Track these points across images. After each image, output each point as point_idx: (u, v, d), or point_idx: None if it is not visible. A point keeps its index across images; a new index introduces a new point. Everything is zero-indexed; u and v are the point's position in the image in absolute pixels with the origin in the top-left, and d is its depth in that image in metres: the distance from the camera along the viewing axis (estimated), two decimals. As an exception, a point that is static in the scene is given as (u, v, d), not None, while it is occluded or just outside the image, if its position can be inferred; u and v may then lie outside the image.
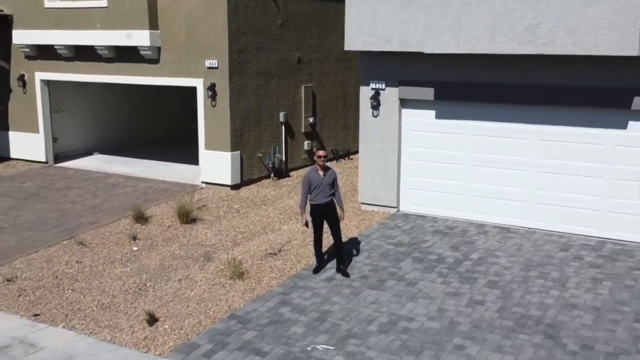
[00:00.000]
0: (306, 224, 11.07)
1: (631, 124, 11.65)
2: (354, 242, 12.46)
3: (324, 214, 10.79)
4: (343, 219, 11.14)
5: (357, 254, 11.90)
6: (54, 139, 19.02)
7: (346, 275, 10.85)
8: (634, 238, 11.89)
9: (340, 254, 11.07)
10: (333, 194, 10.81)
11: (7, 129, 19.32)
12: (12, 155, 19.39)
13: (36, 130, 18.75)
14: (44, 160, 18.84)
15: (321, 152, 10.78)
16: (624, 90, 11.41)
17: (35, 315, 9.99)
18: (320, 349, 8.67)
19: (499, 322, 9.21)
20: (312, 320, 9.43)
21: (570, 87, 11.83)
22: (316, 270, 11.05)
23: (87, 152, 20.13)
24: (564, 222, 12.50)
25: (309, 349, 8.68)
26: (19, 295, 10.63)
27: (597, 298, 9.86)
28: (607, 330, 8.90)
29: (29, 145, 18.93)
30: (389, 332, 9.04)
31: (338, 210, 10.89)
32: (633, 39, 10.53)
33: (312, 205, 10.81)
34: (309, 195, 10.75)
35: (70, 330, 9.49)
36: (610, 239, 12.10)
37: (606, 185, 12.04)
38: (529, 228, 12.80)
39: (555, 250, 11.80)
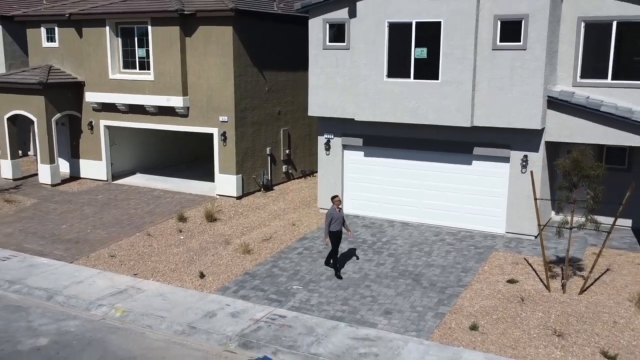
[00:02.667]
0: (328, 243, 15.23)
1: (474, 162, 17.91)
2: (316, 232, 18.57)
3: (338, 237, 15.23)
4: (352, 235, 16.09)
5: (314, 242, 18.02)
6: (111, 164, 24.75)
7: (338, 277, 15.12)
8: (476, 228, 18.12)
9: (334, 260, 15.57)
10: (343, 224, 15.36)
11: (79, 157, 24.84)
12: (82, 176, 24.87)
13: (100, 158, 24.40)
14: (105, 179, 24.45)
15: (339, 198, 15.19)
16: (468, 143, 17.68)
17: (135, 274, 15.90)
18: (295, 288, 14.78)
19: (391, 274, 15.39)
20: (290, 274, 15.52)
21: (439, 140, 18.07)
22: (339, 276, 15.01)
23: (132, 172, 25.65)
24: (439, 219, 18.68)
25: (288, 288, 14.77)
26: (121, 264, 16.50)
27: (446, 261, 16.10)
28: (444, 276, 15.13)
29: (94, 168, 24.55)
30: (332, 280, 15.14)
31: (347, 231, 15.33)
32: (468, 117, 16.81)
33: (331, 232, 15.01)
34: (330, 225, 14.91)
35: (157, 281, 15.41)
36: (464, 229, 18.33)
37: (461, 197, 18.28)
38: (419, 223, 18.97)
39: (431, 235, 18.03)
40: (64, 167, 25.05)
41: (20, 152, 26.26)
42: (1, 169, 24.74)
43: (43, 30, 24.44)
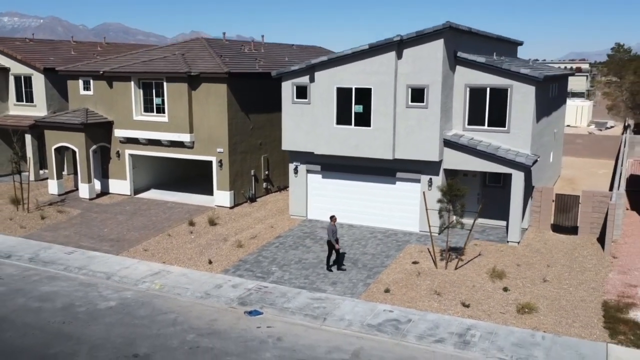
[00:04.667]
0: (340, 248, 20.09)
1: (397, 182, 23.97)
2: (288, 233, 24.46)
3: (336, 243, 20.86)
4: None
5: (286, 238, 23.91)
6: (133, 182, 30.30)
7: (343, 269, 20.22)
8: (399, 228, 24.13)
9: (338, 259, 20.67)
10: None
11: (108, 177, 30.35)
12: (111, 192, 30.39)
13: (124, 178, 29.99)
14: (129, 194, 30.03)
15: (336, 217, 20.12)
16: (392, 170, 23.72)
17: (164, 262, 21.58)
18: (273, 269, 20.65)
19: (333, 258, 21.35)
20: (270, 261, 21.37)
21: (373, 167, 24.06)
22: (329, 269, 20.07)
23: (148, 188, 31.16)
24: (374, 222, 24.66)
25: (269, 269, 20.62)
26: (152, 256, 22.10)
27: (375, 250, 22.08)
28: (373, 260, 21.10)
29: (120, 186, 30.12)
30: (298, 264, 21.03)
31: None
32: (390, 152, 22.94)
33: (330, 241, 19.86)
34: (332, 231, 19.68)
35: (179, 266, 21.10)
36: (390, 229, 24.35)
37: (389, 207, 24.30)
38: (360, 225, 24.93)
39: (368, 234, 24.01)
40: (96, 185, 30.50)
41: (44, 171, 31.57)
42: (49, 187, 30.20)
43: (81, 82, 29.96)
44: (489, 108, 22.96)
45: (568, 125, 70.78)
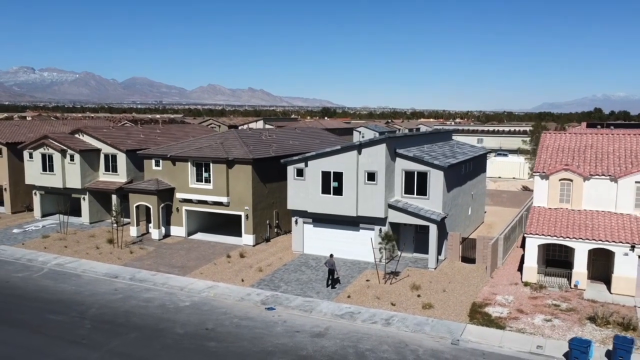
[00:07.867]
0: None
1: (360, 230, 34.16)
2: (291, 262, 34.59)
3: (332, 271, 30.95)
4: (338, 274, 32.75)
5: (290, 266, 34.03)
6: (187, 228, 40.57)
7: (334, 287, 30.93)
8: (362, 259, 34.24)
9: (333, 281, 32.23)
10: (333, 265, 31.33)
11: (170, 225, 40.69)
12: (172, 234, 40.72)
13: (181, 225, 40.20)
14: (184, 236, 40.37)
15: (333, 255, 31.97)
16: (357, 222, 33.92)
17: (214, 280, 31.68)
18: (282, 284, 30.76)
19: (321, 279, 31.31)
20: (279, 279, 31.41)
21: (344, 220, 34.28)
22: (328, 286, 30.69)
23: (196, 232, 41.34)
24: (347, 255, 34.53)
25: (279, 284, 30.74)
26: (206, 277, 32.13)
27: (345, 273, 32.06)
28: (343, 280, 31.21)
29: (178, 230, 40.35)
30: (297, 281, 31.05)
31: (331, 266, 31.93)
32: (354, 211, 33.26)
33: (330, 269, 30.65)
34: (333, 264, 30.90)
35: (224, 283, 31.23)
36: (356, 259, 34.25)
37: (355, 246, 34.35)
38: (339, 257, 34.93)
39: (341, 263, 34.01)
40: (163, 230, 40.79)
41: (123, 219, 41.92)
42: (130, 231, 40.57)
43: (153, 161, 40.61)
44: (416, 184, 33.35)
45: (514, 178, 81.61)
